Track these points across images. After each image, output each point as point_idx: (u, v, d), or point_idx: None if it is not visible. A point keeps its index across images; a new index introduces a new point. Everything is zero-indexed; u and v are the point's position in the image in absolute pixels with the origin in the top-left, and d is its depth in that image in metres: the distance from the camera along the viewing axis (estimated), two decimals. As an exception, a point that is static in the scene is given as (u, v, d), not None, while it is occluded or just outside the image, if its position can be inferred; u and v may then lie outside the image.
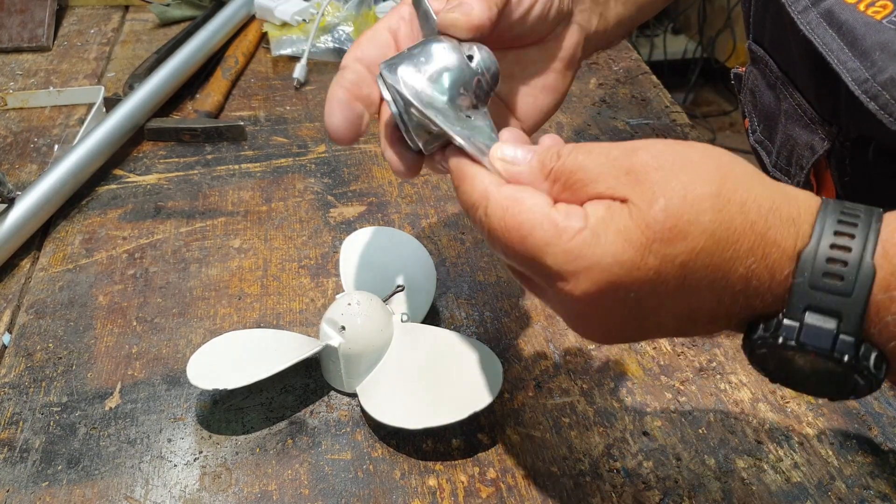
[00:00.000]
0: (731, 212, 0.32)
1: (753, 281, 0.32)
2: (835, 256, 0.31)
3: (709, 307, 0.33)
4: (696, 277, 0.32)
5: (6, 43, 0.94)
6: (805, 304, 0.31)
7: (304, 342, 0.50)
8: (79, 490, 0.45)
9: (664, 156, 0.33)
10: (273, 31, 0.94)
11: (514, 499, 0.45)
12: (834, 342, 0.31)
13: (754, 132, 0.57)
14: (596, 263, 0.33)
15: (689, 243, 0.32)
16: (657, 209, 0.32)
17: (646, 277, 0.32)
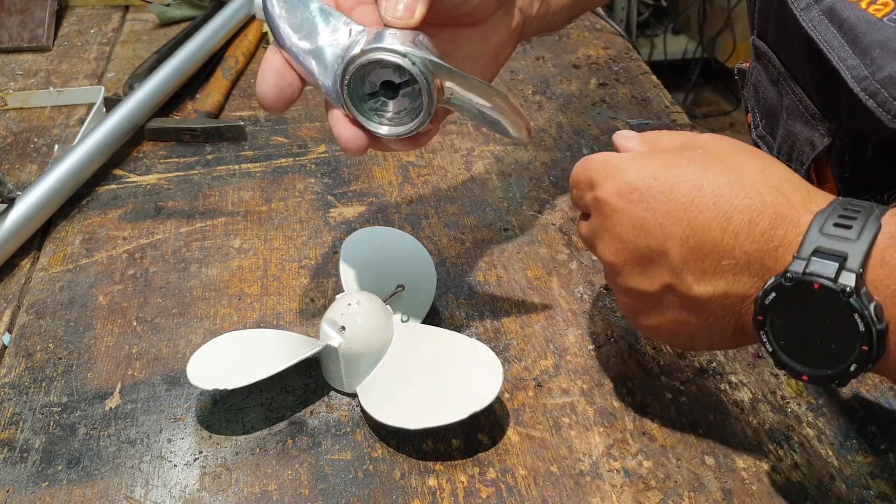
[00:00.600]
0: (753, 166, 0.38)
1: (757, 220, 0.36)
2: (845, 214, 0.35)
3: (714, 238, 0.37)
4: (703, 201, 0.37)
5: (6, 43, 0.94)
6: (814, 247, 0.34)
7: (304, 342, 0.50)
8: (79, 490, 0.45)
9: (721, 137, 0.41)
10: (273, 31, 0.94)
11: (514, 499, 0.45)
12: (837, 275, 0.33)
13: (756, 127, 0.57)
14: (622, 169, 0.40)
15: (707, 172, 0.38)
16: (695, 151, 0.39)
17: (659, 188, 0.38)
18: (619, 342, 0.55)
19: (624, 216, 0.40)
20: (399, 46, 0.41)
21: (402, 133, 0.43)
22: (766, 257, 0.36)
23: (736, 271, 0.37)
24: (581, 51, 0.92)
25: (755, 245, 0.36)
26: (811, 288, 0.34)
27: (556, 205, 0.68)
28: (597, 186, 0.42)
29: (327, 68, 0.43)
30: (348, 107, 0.43)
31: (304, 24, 0.43)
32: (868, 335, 0.33)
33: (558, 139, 0.77)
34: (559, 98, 0.83)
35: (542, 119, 0.80)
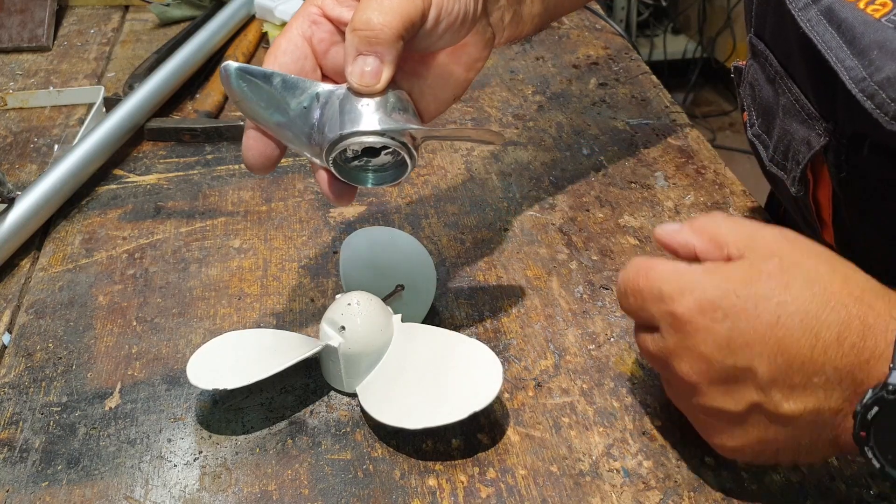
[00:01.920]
0: (834, 278, 0.37)
1: (846, 333, 0.36)
2: None
3: (803, 354, 0.37)
4: (789, 319, 0.37)
5: (6, 43, 0.94)
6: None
7: (303, 342, 0.50)
8: (79, 490, 0.45)
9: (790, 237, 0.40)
10: (273, 31, 0.94)
11: (514, 499, 0.45)
12: None
13: (752, 126, 0.57)
14: (699, 283, 0.39)
15: (789, 289, 0.37)
16: (771, 262, 0.38)
17: (743, 307, 0.37)
18: (619, 342, 0.55)
19: (708, 335, 0.38)
20: (376, 124, 0.42)
21: (389, 182, 0.46)
22: (858, 370, 0.36)
23: (827, 387, 0.37)
24: (581, 51, 0.92)
25: (846, 359, 0.36)
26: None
27: (556, 205, 0.68)
28: (671, 301, 0.39)
29: (303, 136, 0.44)
30: (334, 173, 0.45)
31: (271, 101, 0.43)
32: None
33: (558, 139, 0.77)
34: (559, 98, 0.83)
35: (542, 119, 0.80)
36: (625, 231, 0.65)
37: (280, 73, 0.43)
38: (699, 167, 0.72)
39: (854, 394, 0.36)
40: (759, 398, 0.38)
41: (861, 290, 0.37)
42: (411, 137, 0.43)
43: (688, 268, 0.40)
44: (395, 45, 0.41)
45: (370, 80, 0.41)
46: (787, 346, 0.37)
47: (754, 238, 0.40)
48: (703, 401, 0.40)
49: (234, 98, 0.44)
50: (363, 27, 0.41)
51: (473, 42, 0.47)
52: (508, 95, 0.84)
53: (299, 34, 0.44)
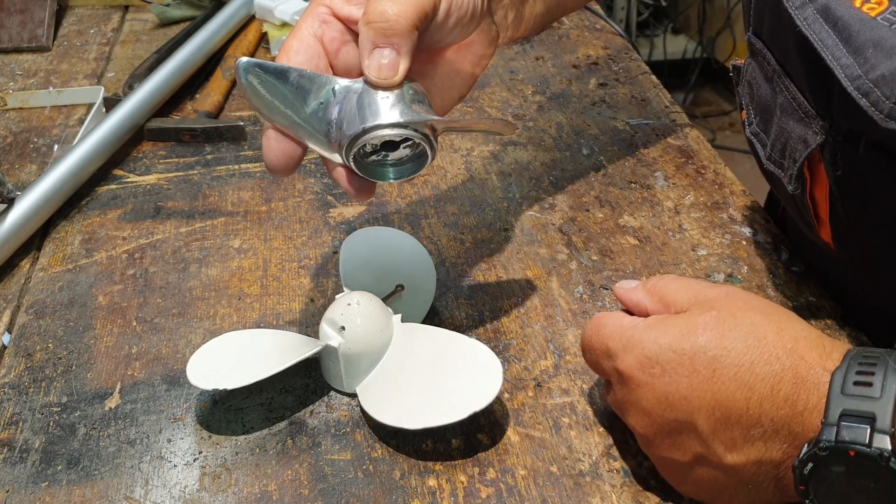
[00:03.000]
0: (768, 329, 0.38)
1: (780, 385, 0.37)
2: (863, 370, 0.35)
3: (740, 408, 0.37)
4: (724, 373, 0.38)
5: (6, 43, 0.94)
6: (840, 410, 0.35)
7: (303, 342, 0.50)
8: (78, 490, 0.45)
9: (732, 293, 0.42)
10: (273, 31, 0.94)
11: (514, 499, 0.45)
12: (870, 439, 0.34)
13: (750, 124, 0.57)
14: (639, 342, 0.41)
15: (723, 341, 0.38)
16: (708, 315, 0.40)
17: (679, 361, 0.39)
18: (618, 342, 0.55)
19: (648, 390, 0.40)
20: (398, 116, 0.42)
21: (408, 175, 0.45)
22: (793, 423, 0.37)
23: (766, 439, 0.37)
24: (581, 51, 0.92)
25: (781, 412, 0.37)
26: (847, 455, 0.34)
27: (555, 205, 0.68)
28: (615, 357, 0.42)
29: (320, 133, 0.43)
30: (354, 170, 0.44)
31: (287, 97, 0.43)
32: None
33: (558, 139, 0.77)
34: (559, 98, 0.83)
35: (542, 119, 0.80)
36: (624, 231, 0.65)
37: (296, 69, 0.42)
38: (699, 167, 0.72)
39: (792, 446, 0.37)
40: (702, 450, 0.39)
41: (794, 341, 0.38)
42: (432, 129, 0.43)
43: (631, 324, 0.42)
44: (411, 35, 0.41)
45: (388, 73, 0.41)
46: (723, 400, 0.38)
47: (698, 295, 0.42)
48: (655, 450, 0.43)
49: (249, 95, 0.43)
50: (378, 19, 0.40)
51: (479, 40, 0.47)
52: (508, 95, 0.84)
53: (310, 34, 0.43)
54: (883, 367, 0.35)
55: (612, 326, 0.43)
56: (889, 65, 0.40)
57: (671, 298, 0.43)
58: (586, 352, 0.45)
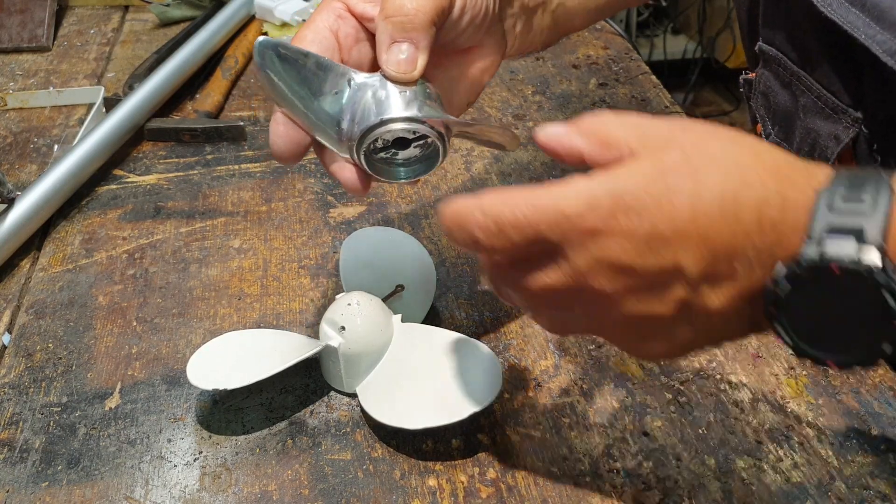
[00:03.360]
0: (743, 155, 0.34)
1: (765, 209, 0.33)
2: (852, 185, 0.32)
3: (725, 241, 0.34)
4: (706, 206, 0.33)
5: (6, 43, 0.94)
6: (826, 226, 0.31)
7: (303, 342, 0.50)
8: (79, 490, 0.45)
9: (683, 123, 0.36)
10: (273, 31, 0.94)
11: (514, 499, 0.45)
12: (858, 252, 0.31)
13: (768, 136, 0.56)
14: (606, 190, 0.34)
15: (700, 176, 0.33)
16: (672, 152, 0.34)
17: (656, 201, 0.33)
18: (619, 342, 0.55)
19: (627, 241, 0.34)
20: (415, 111, 0.41)
21: (418, 175, 0.45)
22: (776, 248, 0.33)
23: (749, 271, 0.34)
24: (581, 51, 0.92)
25: (766, 239, 0.33)
26: (830, 272, 0.31)
27: (555, 205, 0.68)
28: (579, 218, 0.34)
29: (330, 123, 0.43)
30: (363, 166, 0.43)
31: (303, 82, 0.42)
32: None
33: (558, 139, 0.76)
34: (559, 98, 0.83)
35: (542, 119, 0.80)
36: (625, 231, 0.64)
37: (315, 55, 0.42)
38: (699, 167, 0.72)
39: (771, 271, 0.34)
40: (687, 295, 0.35)
41: (775, 163, 0.34)
42: (446, 128, 0.43)
43: (585, 182, 0.35)
44: (429, 30, 0.41)
45: (406, 68, 0.41)
46: (710, 236, 0.34)
47: (646, 132, 0.36)
48: (627, 311, 0.36)
49: (262, 76, 0.42)
50: (396, 13, 0.40)
51: (488, 44, 0.47)
52: (508, 95, 0.84)
53: (326, 27, 0.43)
54: (874, 183, 0.32)
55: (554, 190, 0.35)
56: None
57: (614, 138, 0.36)
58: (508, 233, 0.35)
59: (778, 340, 0.35)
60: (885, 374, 0.52)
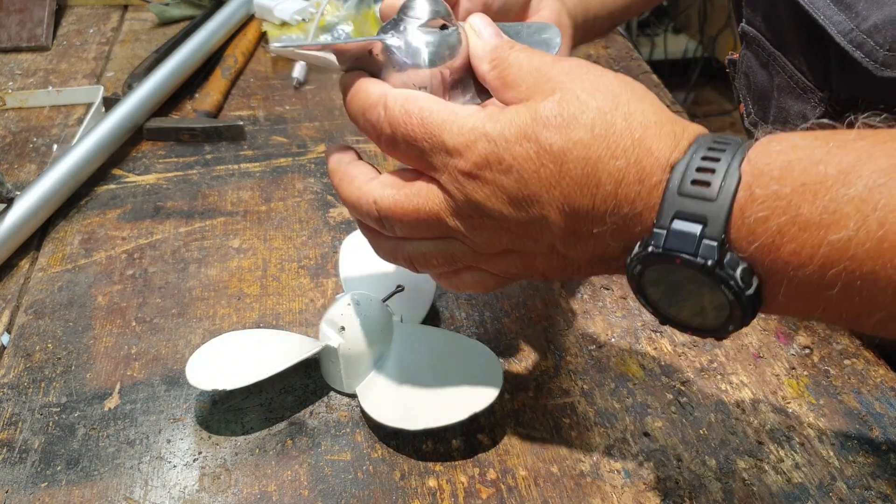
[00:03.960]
0: (616, 116, 0.35)
1: (624, 183, 0.34)
2: (705, 166, 0.33)
3: (586, 206, 0.35)
4: (571, 168, 0.35)
5: (5, 42, 0.94)
6: (673, 212, 0.33)
7: (303, 343, 0.50)
8: (78, 491, 0.45)
9: (578, 69, 0.37)
10: (272, 31, 0.94)
11: (515, 499, 0.44)
12: (698, 246, 0.32)
13: (749, 115, 0.57)
14: (484, 135, 0.36)
15: (570, 133, 0.35)
16: (551, 101, 0.36)
17: (526, 156, 0.35)
18: (619, 342, 0.54)
19: (496, 190, 0.36)
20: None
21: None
22: (632, 223, 0.35)
23: (606, 237, 0.36)
24: (581, 50, 0.92)
25: (623, 211, 0.35)
26: (673, 262, 0.33)
27: (556, 204, 0.68)
28: (457, 155, 0.37)
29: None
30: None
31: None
32: (738, 302, 0.32)
33: (558, 138, 0.76)
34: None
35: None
36: (625, 231, 0.64)
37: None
38: (700, 167, 0.72)
39: (631, 244, 0.35)
40: (554, 241, 0.37)
41: (643, 129, 0.35)
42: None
43: (468, 116, 0.37)
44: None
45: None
46: (571, 197, 0.35)
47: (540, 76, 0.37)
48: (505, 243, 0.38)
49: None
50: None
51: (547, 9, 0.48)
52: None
53: None
54: (726, 162, 0.33)
55: (445, 116, 0.37)
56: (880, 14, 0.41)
57: (512, 79, 0.38)
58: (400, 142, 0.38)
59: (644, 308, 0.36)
60: (885, 375, 0.52)
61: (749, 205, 0.32)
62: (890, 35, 0.41)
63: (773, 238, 0.31)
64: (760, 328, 0.56)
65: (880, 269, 0.30)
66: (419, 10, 0.40)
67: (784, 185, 0.31)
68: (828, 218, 0.30)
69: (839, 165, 0.31)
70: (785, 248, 0.31)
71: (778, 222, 0.31)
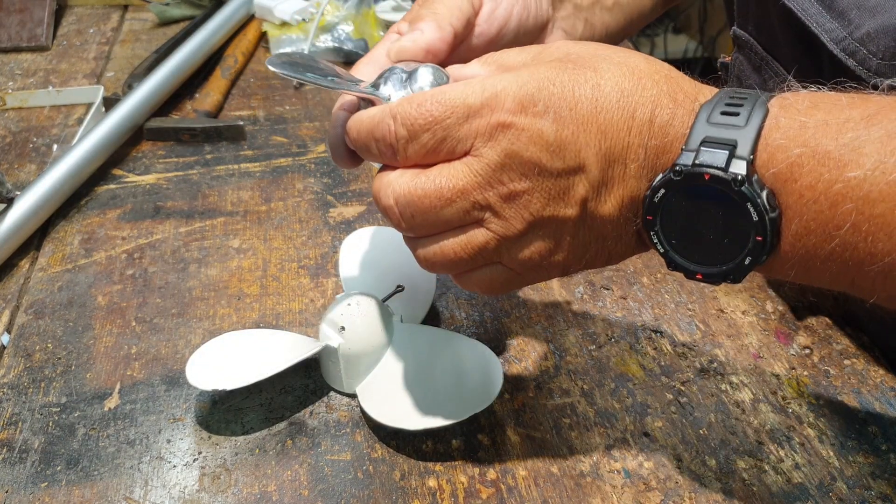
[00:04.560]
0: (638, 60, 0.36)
1: (657, 111, 0.35)
2: (733, 101, 0.34)
3: (622, 138, 0.35)
4: (606, 100, 0.35)
5: (5, 42, 0.94)
6: (702, 136, 0.34)
7: (303, 343, 0.50)
8: (78, 491, 0.45)
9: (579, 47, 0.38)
10: (272, 31, 0.94)
11: (515, 499, 0.44)
12: (727, 163, 0.33)
13: None
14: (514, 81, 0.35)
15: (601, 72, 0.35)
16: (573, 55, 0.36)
17: (560, 93, 0.35)
18: (619, 342, 0.54)
19: (533, 135, 0.35)
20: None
21: None
22: (662, 154, 0.35)
23: (639, 174, 0.36)
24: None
25: (655, 140, 0.35)
26: (701, 179, 0.33)
27: (556, 204, 0.68)
28: (487, 110, 0.35)
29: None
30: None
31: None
32: (762, 224, 0.33)
33: (558, 139, 0.76)
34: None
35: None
36: (625, 231, 0.64)
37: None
38: (700, 167, 0.72)
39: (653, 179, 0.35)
40: (587, 194, 0.36)
41: (668, 70, 0.36)
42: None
43: (487, 77, 0.36)
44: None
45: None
46: (608, 131, 0.35)
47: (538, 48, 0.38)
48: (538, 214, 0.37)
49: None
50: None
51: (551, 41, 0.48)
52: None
53: (384, 51, 0.44)
54: (752, 101, 0.34)
55: (462, 86, 0.36)
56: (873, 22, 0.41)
57: (512, 62, 0.38)
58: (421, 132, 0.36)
59: (653, 250, 0.36)
60: (885, 375, 0.52)
61: (772, 131, 0.33)
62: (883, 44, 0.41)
63: (790, 168, 0.32)
64: (761, 328, 0.56)
65: (888, 213, 0.30)
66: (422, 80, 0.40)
67: (809, 118, 0.32)
68: (847, 155, 0.31)
69: (863, 112, 0.32)
70: (802, 181, 0.32)
71: (797, 152, 0.32)
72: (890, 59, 0.41)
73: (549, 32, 0.48)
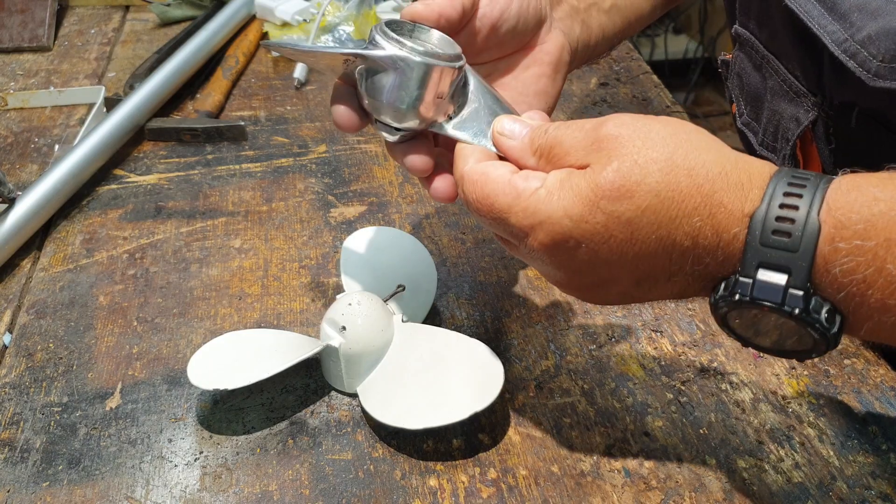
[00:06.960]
0: (679, 175, 0.35)
1: (700, 239, 0.35)
2: (783, 216, 0.33)
3: (662, 264, 0.36)
4: (643, 234, 0.35)
5: (7, 43, 0.94)
6: (757, 261, 0.34)
7: (304, 342, 0.50)
8: (79, 490, 0.45)
9: (626, 126, 0.36)
10: (273, 31, 0.94)
11: (515, 499, 0.45)
12: (784, 296, 0.33)
13: (741, 115, 0.58)
14: (548, 217, 0.37)
15: (636, 201, 0.35)
16: (609, 170, 0.35)
17: (594, 231, 0.36)
18: (620, 342, 0.55)
19: (566, 262, 0.38)
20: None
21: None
22: (713, 271, 0.36)
23: (687, 282, 0.37)
24: (582, 50, 0.92)
25: (704, 261, 0.36)
26: (761, 307, 0.34)
27: (556, 204, 0.68)
28: (523, 235, 0.38)
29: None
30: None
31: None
32: (824, 340, 0.34)
33: (559, 139, 0.76)
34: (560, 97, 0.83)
35: (543, 119, 0.80)
36: (626, 231, 0.64)
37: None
38: (700, 167, 0.72)
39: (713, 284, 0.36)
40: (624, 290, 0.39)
41: (710, 183, 0.35)
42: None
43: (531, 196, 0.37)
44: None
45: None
46: (645, 259, 0.36)
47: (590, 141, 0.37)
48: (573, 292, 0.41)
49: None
50: None
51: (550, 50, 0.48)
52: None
53: None
54: (805, 209, 0.33)
55: (506, 197, 0.38)
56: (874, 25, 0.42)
57: (562, 151, 0.38)
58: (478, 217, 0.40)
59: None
60: (885, 374, 0.52)
61: (833, 256, 0.32)
62: (883, 46, 0.42)
63: (858, 287, 0.32)
64: (761, 328, 0.56)
65: None
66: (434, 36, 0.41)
67: (868, 240, 0.32)
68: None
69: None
70: (872, 296, 0.32)
71: (864, 274, 0.32)
72: (890, 61, 0.41)
73: (548, 31, 0.48)
